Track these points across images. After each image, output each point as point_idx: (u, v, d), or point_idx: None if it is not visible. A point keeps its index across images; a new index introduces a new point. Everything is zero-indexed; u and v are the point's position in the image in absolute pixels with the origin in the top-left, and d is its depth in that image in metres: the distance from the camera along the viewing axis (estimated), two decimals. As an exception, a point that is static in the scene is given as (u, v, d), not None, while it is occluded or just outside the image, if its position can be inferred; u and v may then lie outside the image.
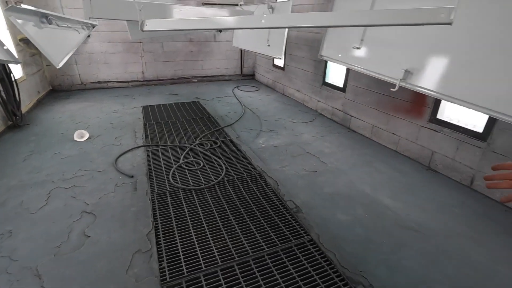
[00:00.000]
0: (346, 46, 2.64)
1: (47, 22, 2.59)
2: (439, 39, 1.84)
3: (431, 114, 2.99)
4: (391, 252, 1.94)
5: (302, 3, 4.80)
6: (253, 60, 7.22)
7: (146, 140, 3.58)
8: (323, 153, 3.36)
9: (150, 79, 6.42)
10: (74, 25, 3.14)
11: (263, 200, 2.46)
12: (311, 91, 4.99)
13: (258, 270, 1.76)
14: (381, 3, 2.28)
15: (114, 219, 2.19)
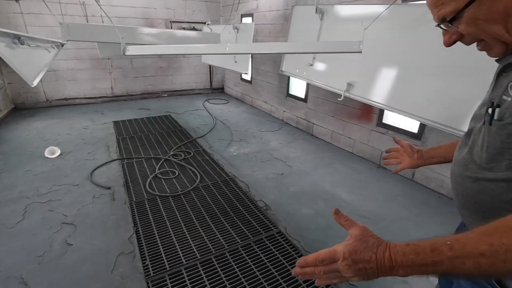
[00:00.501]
0: (302, 63, 3.05)
1: (19, 43, 2.72)
2: (370, 60, 2.27)
3: (378, 119, 3.47)
4: (347, 235, 2.27)
5: (264, 23, 5.25)
6: (221, 74, 7.54)
7: (120, 153, 3.69)
8: (289, 158, 3.70)
9: (120, 95, 6.46)
10: (44, 44, 3.25)
11: (236, 201, 2.71)
12: (277, 102, 5.39)
13: (234, 260, 2.00)
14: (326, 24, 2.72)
15: (94, 227, 2.31)
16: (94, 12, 5.67)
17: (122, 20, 5.92)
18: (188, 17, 6.44)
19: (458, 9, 0.60)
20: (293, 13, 3.28)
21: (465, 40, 0.66)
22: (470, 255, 0.49)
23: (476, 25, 0.61)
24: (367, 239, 0.57)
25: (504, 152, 0.60)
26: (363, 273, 0.56)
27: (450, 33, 0.66)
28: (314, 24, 2.72)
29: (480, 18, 0.59)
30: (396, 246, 0.55)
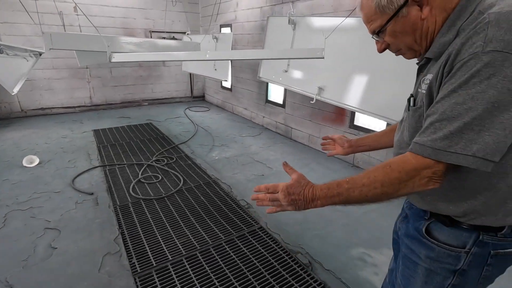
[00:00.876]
0: (278, 69, 3.26)
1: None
2: (338, 66, 2.52)
3: (350, 121, 3.74)
4: (322, 228, 2.46)
5: (243, 33, 5.48)
6: (202, 82, 7.68)
7: (102, 160, 3.71)
8: (269, 160, 3.87)
9: (99, 104, 6.41)
10: (22, 53, 3.27)
11: (219, 201, 2.83)
12: (256, 109, 5.59)
13: (218, 255, 2.11)
14: (298, 34, 2.96)
15: (79, 231, 2.35)
16: (71, 21, 5.67)
17: (101, 30, 5.92)
18: (168, 27, 6.56)
19: (382, 24, 0.79)
20: (268, 23, 3.51)
21: (390, 48, 0.86)
22: (357, 186, 0.72)
23: (395, 36, 0.80)
24: (300, 180, 0.80)
25: (418, 129, 0.76)
26: (294, 203, 0.78)
27: (380, 42, 0.86)
28: (288, 33, 2.95)
29: (397, 31, 0.79)
30: (317, 185, 0.76)
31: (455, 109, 0.64)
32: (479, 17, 0.66)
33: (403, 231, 0.98)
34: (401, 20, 0.76)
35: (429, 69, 0.80)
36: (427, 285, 0.88)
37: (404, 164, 0.70)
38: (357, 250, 2.21)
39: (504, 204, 0.74)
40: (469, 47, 0.63)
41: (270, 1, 4.64)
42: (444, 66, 0.69)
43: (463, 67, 0.64)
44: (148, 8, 6.38)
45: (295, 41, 2.88)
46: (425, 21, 0.75)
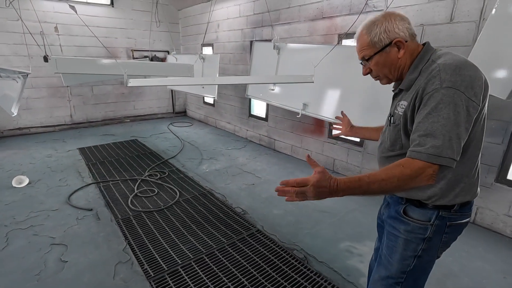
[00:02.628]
0: (265, 88, 3.61)
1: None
2: (319, 85, 2.91)
3: (329, 132, 4.15)
4: (312, 227, 2.77)
5: (224, 52, 5.83)
6: (183, 98, 7.87)
7: (94, 178, 3.77)
8: (256, 170, 4.15)
9: (80, 122, 6.37)
10: (12, 75, 3.35)
11: (216, 210, 3.05)
12: (240, 123, 5.89)
13: (223, 256, 2.33)
14: (282, 58, 3.34)
15: (86, 244, 2.45)
16: (52, 41, 5.69)
17: (83, 49, 6.02)
18: (150, 46, 6.75)
19: (371, 54, 1.12)
20: (253, 48, 3.87)
21: (372, 74, 1.20)
22: (376, 180, 0.95)
23: (377, 65, 1.14)
24: (326, 174, 0.94)
25: (397, 140, 1.13)
26: (320, 194, 0.92)
27: (365, 67, 1.18)
28: (273, 57, 3.32)
29: (380, 62, 1.12)
30: (340, 179, 0.95)
31: (435, 127, 0.93)
32: (432, 64, 1.01)
33: (386, 215, 1.28)
34: (384, 55, 1.10)
35: (402, 96, 1.12)
36: (405, 251, 1.16)
37: (412, 164, 0.95)
38: (344, 243, 2.53)
39: (453, 189, 1.09)
40: (431, 85, 0.96)
41: (251, 24, 5.05)
42: (415, 99, 1.01)
43: (431, 98, 0.95)
44: (129, 28, 6.55)
45: (279, 64, 3.25)
46: (399, 60, 1.10)
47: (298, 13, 4.17)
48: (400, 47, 1.08)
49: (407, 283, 1.20)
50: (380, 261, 1.27)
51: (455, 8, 2.70)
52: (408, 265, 1.17)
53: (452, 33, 2.74)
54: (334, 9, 3.71)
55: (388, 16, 1.07)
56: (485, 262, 2.32)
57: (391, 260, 1.20)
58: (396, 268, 1.19)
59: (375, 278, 1.29)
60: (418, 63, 1.07)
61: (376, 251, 1.51)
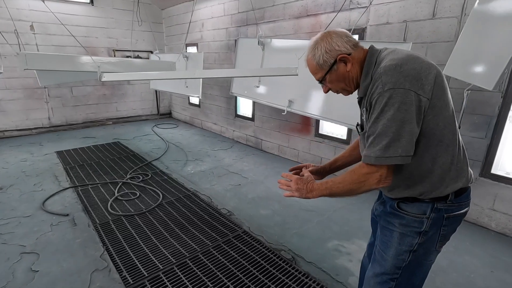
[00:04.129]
0: (249, 85, 3.53)
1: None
2: (304, 81, 2.86)
3: (315, 130, 4.11)
4: (300, 227, 2.70)
5: (209, 52, 5.73)
6: (168, 100, 7.70)
7: (72, 181, 3.58)
8: (243, 171, 4.06)
9: (58, 125, 6.11)
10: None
11: (201, 212, 2.93)
12: (226, 123, 5.79)
13: (208, 260, 2.22)
14: (267, 53, 3.28)
15: (60, 252, 2.29)
16: (28, 40, 5.44)
17: (61, 49, 5.78)
18: (132, 46, 6.56)
19: (322, 76, 1.16)
20: (238, 44, 3.80)
21: (332, 90, 1.22)
22: (335, 184, 1.08)
23: (332, 83, 1.17)
24: (307, 177, 1.18)
25: None
26: (299, 191, 1.15)
27: (324, 86, 1.22)
28: (258, 53, 3.25)
29: (333, 80, 1.16)
30: (316, 182, 1.15)
31: (381, 128, 0.97)
32: (377, 68, 1.03)
33: (380, 210, 1.25)
34: (334, 72, 1.13)
35: (363, 103, 1.14)
36: (400, 246, 1.12)
37: (360, 170, 1.03)
38: (332, 242, 2.48)
39: (442, 180, 1.05)
40: (376, 89, 0.98)
41: (236, 23, 4.98)
42: (366, 104, 1.06)
43: (377, 102, 0.98)
44: (110, 27, 6.36)
45: (264, 60, 3.18)
46: (349, 72, 1.12)
47: (282, 11, 4.13)
48: (346, 61, 1.10)
49: (402, 279, 1.15)
50: (374, 258, 1.24)
51: (437, 4, 2.72)
52: (403, 260, 1.13)
53: (435, 29, 2.75)
54: (318, 7, 3.69)
55: (325, 37, 1.11)
56: (472, 256, 2.31)
57: (385, 255, 1.16)
58: (391, 264, 1.15)
59: (369, 275, 1.24)
60: (367, 69, 1.09)
61: (370, 246, 1.47)
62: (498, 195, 2.60)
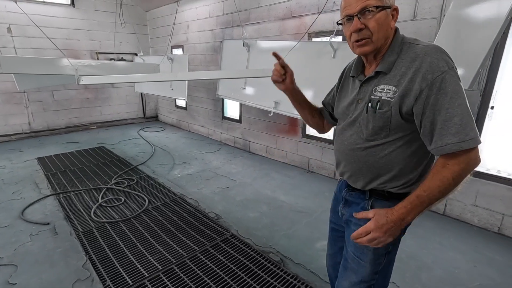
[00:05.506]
0: (235, 87, 3.51)
1: None
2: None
3: (302, 131, 4.13)
4: (288, 228, 2.69)
5: (195, 54, 5.68)
6: (154, 102, 7.58)
7: (54, 189, 3.46)
8: (231, 173, 4.03)
9: (40, 130, 5.90)
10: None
11: (188, 216, 2.88)
12: (214, 125, 5.75)
13: (195, 265, 2.18)
14: (252, 55, 3.27)
15: (39, 263, 2.19)
16: (5, 43, 5.24)
17: (41, 51, 5.60)
18: (116, 49, 6.43)
19: (378, 5, 0.94)
20: (223, 46, 3.77)
21: (362, 32, 0.97)
22: (434, 190, 0.91)
23: (378, 23, 0.95)
24: (380, 215, 0.98)
25: (383, 127, 1.01)
26: (391, 231, 0.95)
27: (359, 22, 0.96)
28: (243, 55, 3.23)
29: (381, 21, 0.95)
30: (397, 208, 0.95)
31: (463, 109, 0.87)
32: (414, 47, 0.96)
33: (348, 214, 1.19)
34: (385, 15, 0.96)
35: (380, 81, 1.01)
36: (377, 250, 1.08)
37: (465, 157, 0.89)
38: (321, 243, 2.48)
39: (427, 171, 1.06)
40: (436, 67, 0.89)
41: (221, 24, 4.95)
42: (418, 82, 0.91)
43: (445, 81, 0.88)
44: (93, 30, 6.21)
45: (250, 62, 3.17)
46: (391, 30, 0.99)
47: (267, 12, 4.14)
48: (394, 16, 1.00)
49: (378, 283, 1.14)
50: (347, 266, 1.18)
51: (417, 6, 2.78)
52: (380, 264, 1.11)
53: (416, 29, 2.81)
54: (303, 8, 3.71)
55: None
56: (456, 252, 2.36)
57: (362, 262, 1.12)
58: (369, 270, 1.12)
59: (344, 285, 1.18)
60: (395, 44, 1.00)
61: (332, 257, 1.43)
62: (480, 191, 2.67)
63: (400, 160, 1.04)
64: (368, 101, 1.04)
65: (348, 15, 0.99)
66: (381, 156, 1.05)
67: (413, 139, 1.02)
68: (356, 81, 1.14)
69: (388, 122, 0.99)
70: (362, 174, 1.11)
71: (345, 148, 1.15)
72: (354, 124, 1.11)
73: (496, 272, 2.13)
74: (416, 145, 1.03)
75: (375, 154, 1.06)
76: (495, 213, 2.61)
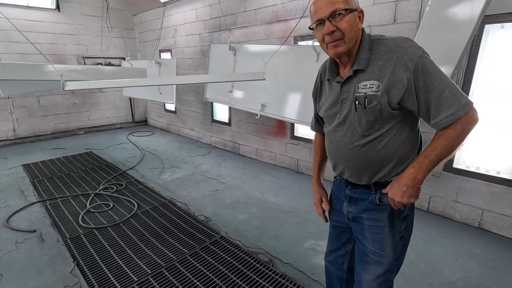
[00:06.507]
0: (223, 90, 3.55)
1: None
2: (277, 85, 2.92)
3: (291, 133, 4.18)
4: (277, 229, 2.73)
5: (183, 57, 5.69)
6: (143, 107, 7.53)
7: (40, 196, 3.41)
8: (221, 176, 4.05)
9: (25, 136, 5.79)
10: None
11: (178, 220, 2.89)
12: (203, 129, 5.76)
13: (184, 268, 2.19)
14: (239, 58, 3.31)
15: (26, 271, 2.17)
16: (-12, 48, 5.14)
17: (25, 57, 5.51)
18: (103, 53, 6.38)
19: (346, 8, 1.00)
20: (210, 50, 3.80)
21: (335, 33, 1.02)
22: (441, 149, 0.99)
23: (350, 25, 1.01)
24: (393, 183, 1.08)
25: (376, 120, 1.06)
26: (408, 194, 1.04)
27: (331, 24, 1.01)
28: (229, 58, 3.27)
29: (351, 22, 1.01)
30: (405, 171, 1.06)
31: (449, 82, 0.97)
32: (383, 41, 1.05)
33: (356, 211, 1.21)
34: (353, 17, 1.02)
35: (359, 78, 1.07)
36: (393, 236, 1.15)
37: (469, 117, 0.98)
38: (309, 242, 2.52)
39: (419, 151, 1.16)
40: (411, 54, 0.98)
41: (209, 28, 4.99)
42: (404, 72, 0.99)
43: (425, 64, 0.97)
44: (79, 34, 6.15)
45: (236, 65, 3.21)
46: (358, 31, 1.06)
47: (254, 16, 4.20)
48: (361, 18, 1.06)
49: (396, 267, 1.20)
50: (367, 260, 1.20)
51: (397, 10, 2.88)
52: (398, 250, 1.17)
53: (397, 33, 2.91)
54: (288, 12, 3.78)
55: None
56: (439, 247, 2.44)
57: (384, 253, 1.15)
58: (391, 258, 1.16)
59: (368, 279, 1.19)
60: (364, 43, 1.07)
61: (334, 252, 1.45)
62: (461, 188, 2.77)
63: (398, 148, 1.09)
64: (354, 99, 1.08)
65: (319, 19, 1.04)
66: (379, 148, 1.09)
67: (404, 124, 1.09)
68: (333, 83, 1.18)
69: (379, 114, 1.04)
70: (365, 170, 1.14)
71: (342, 148, 1.17)
72: (344, 124, 1.14)
73: (476, 265, 2.22)
74: (408, 129, 1.10)
75: (374, 147, 1.10)
76: (475, 208, 2.71)
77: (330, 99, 1.19)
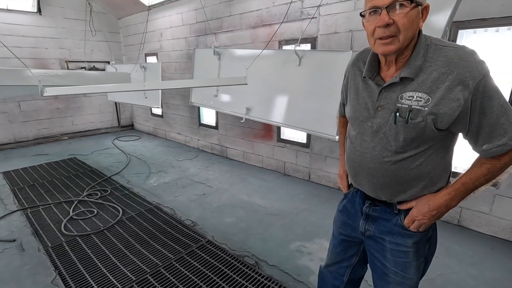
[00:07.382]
0: (208, 94, 3.56)
1: None
2: (262, 89, 2.96)
3: (277, 136, 4.22)
4: (264, 231, 2.75)
5: (169, 61, 5.66)
6: (129, 111, 7.44)
7: (21, 204, 3.31)
8: (208, 180, 4.04)
9: (5, 143, 5.62)
10: None
11: (163, 224, 2.87)
12: (190, 133, 5.73)
13: (170, 274, 2.18)
14: (223, 63, 3.34)
15: (4, 282, 2.10)
16: (-35, 52, 4.97)
17: (5, 61, 5.35)
18: (87, 57, 6.28)
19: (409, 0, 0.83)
20: (195, 54, 3.81)
21: (390, 28, 0.86)
22: (479, 178, 0.94)
23: (410, 22, 0.85)
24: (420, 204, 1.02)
25: (416, 138, 0.94)
26: (434, 217, 0.99)
27: (387, 16, 0.85)
28: (214, 63, 3.29)
29: (412, 18, 0.86)
30: (438, 194, 1.00)
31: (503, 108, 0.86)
32: (443, 49, 0.89)
33: (376, 231, 1.12)
34: (416, 13, 0.87)
35: (405, 86, 0.92)
36: (418, 260, 1.08)
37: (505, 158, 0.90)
38: (295, 244, 2.55)
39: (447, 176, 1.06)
40: (475, 71, 0.84)
41: (195, 32, 4.99)
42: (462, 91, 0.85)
43: (487, 85, 0.85)
44: (62, 38, 6.03)
45: (221, 69, 3.23)
46: (418, 29, 0.90)
47: (239, 21, 4.23)
48: (423, 16, 0.90)
49: (417, 285, 1.16)
50: (388, 280, 1.14)
51: (377, 15, 2.96)
52: (422, 270, 1.13)
53: (376, 37, 2.98)
54: (272, 17, 3.83)
55: None
56: (420, 245, 2.50)
57: (407, 275, 1.09)
58: (415, 279, 1.11)
59: None
60: (420, 46, 0.91)
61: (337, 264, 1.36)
62: (440, 187, 2.86)
63: (431, 169, 0.99)
64: (395, 110, 0.94)
65: (375, 6, 0.87)
66: (412, 167, 0.98)
67: (442, 146, 0.99)
68: (370, 83, 1.03)
69: (421, 132, 0.92)
70: (389, 187, 1.05)
71: (369, 161, 1.05)
72: (377, 135, 1.01)
73: (455, 262, 2.29)
74: (444, 151, 1.00)
75: (406, 166, 0.99)
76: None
77: (363, 101, 1.04)
